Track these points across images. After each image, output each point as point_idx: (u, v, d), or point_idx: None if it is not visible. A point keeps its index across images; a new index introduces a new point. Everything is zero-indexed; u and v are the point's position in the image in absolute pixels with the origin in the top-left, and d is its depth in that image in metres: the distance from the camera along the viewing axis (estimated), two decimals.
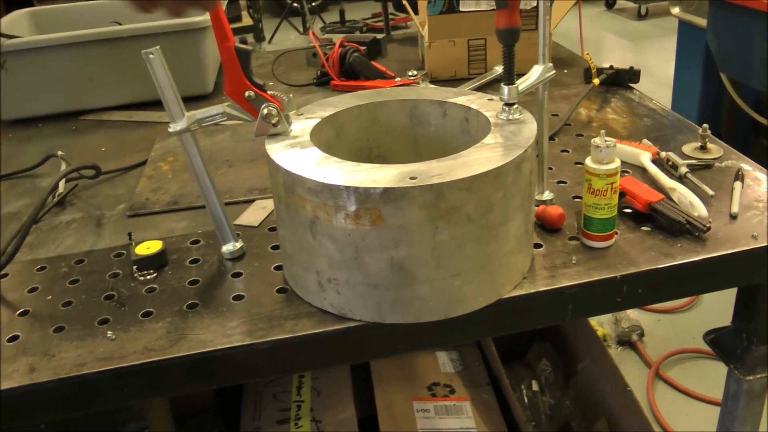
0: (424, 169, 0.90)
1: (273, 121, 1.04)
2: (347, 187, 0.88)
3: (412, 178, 0.88)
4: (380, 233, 0.89)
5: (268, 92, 1.05)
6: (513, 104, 1.05)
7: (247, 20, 7.24)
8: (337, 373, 1.81)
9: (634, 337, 2.85)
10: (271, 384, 1.82)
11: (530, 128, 1.01)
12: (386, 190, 0.87)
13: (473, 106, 1.11)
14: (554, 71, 1.15)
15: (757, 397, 1.30)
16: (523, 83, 1.09)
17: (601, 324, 2.94)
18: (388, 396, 1.79)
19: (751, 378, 1.23)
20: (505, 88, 1.04)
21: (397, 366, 1.88)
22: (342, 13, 7.91)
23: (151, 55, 1.02)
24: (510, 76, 1.05)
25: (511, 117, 1.05)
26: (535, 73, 1.13)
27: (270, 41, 7.57)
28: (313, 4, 7.85)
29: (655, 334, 2.93)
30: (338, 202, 0.89)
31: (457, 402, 1.80)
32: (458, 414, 1.76)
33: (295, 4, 7.49)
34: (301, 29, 7.60)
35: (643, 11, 7.59)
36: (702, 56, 3.31)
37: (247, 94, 1.04)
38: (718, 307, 2.93)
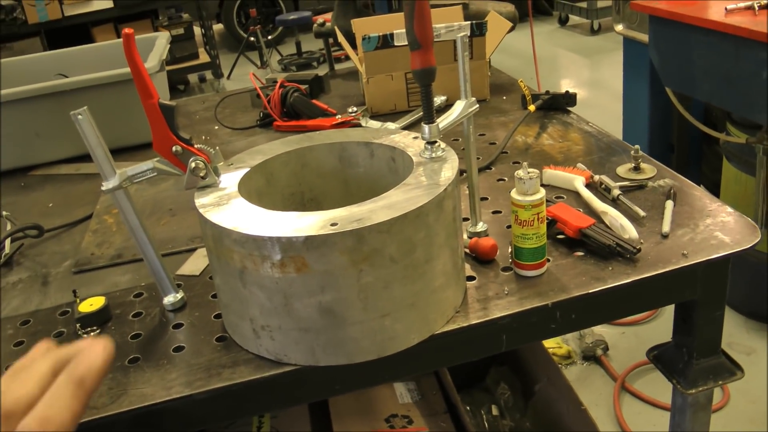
0: (345, 215, 0.92)
1: (201, 174, 1.06)
2: (270, 237, 0.90)
3: (332, 225, 0.90)
4: (306, 280, 0.91)
5: (195, 145, 1.07)
6: (434, 142, 1.07)
7: (204, 57, 7.30)
8: (296, 411, 1.82)
9: (599, 352, 2.88)
10: (231, 425, 1.82)
11: (452, 165, 1.03)
12: (308, 238, 0.89)
13: (399, 145, 1.13)
14: (477, 106, 1.17)
15: (702, 408, 1.32)
16: (443, 120, 1.11)
17: (566, 341, 2.96)
18: (346, 430, 1.79)
19: (694, 391, 1.26)
20: (426, 127, 1.06)
21: (355, 399, 1.89)
22: (298, 45, 7.95)
23: (79, 116, 1.02)
24: (429, 114, 1.07)
25: (433, 155, 1.06)
26: (457, 109, 1.15)
27: (229, 77, 7.60)
28: (269, 37, 7.89)
29: (620, 347, 2.96)
30: (263, 252, 0.91)
31: None
32: None
33: (251, 39, 7.53)
34: (258, 63, 7.64)
35: (596, 26, 7.69)
36: (647, 71, 3.37)
37: (174, 149, 1.06)
38: None
